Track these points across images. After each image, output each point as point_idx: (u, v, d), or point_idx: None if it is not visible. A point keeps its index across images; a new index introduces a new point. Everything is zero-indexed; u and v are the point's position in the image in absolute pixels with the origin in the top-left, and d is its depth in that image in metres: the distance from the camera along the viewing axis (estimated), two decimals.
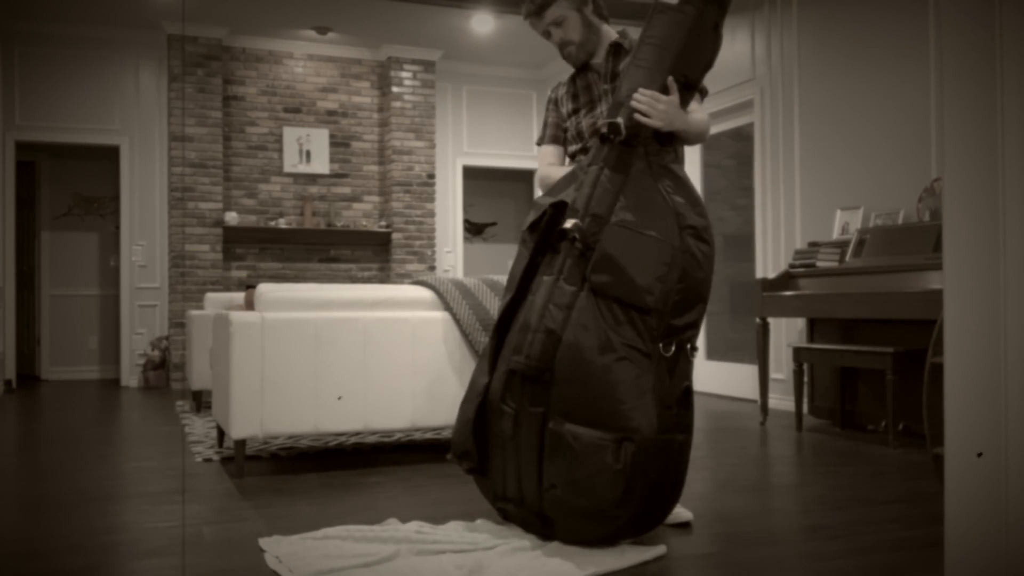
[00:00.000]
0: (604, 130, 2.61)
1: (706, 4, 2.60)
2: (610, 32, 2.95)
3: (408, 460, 4.12)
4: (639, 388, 2.41)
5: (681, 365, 2.52)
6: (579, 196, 2.62)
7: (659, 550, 2.51)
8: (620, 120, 2.59)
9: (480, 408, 2.68)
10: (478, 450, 2.71)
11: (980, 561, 1.77)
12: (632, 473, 2.37)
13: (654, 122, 2.55)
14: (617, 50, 2.86)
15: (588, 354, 2.45)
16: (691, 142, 2.72)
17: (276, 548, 2.55)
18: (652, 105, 2.55)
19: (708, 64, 2.68)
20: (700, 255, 2.51)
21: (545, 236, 2.67)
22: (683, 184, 2.60)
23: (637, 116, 2.56)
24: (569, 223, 2.57)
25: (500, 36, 8.25)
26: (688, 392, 2.55)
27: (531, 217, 2.70)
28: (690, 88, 2.66)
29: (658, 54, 2.61)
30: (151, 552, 2.58)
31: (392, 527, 2.73)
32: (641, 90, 2.57)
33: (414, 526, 2.75)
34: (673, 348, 2.48)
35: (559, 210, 2.65)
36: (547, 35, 2.90)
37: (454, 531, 2.70)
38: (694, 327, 2.54)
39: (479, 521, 2.81)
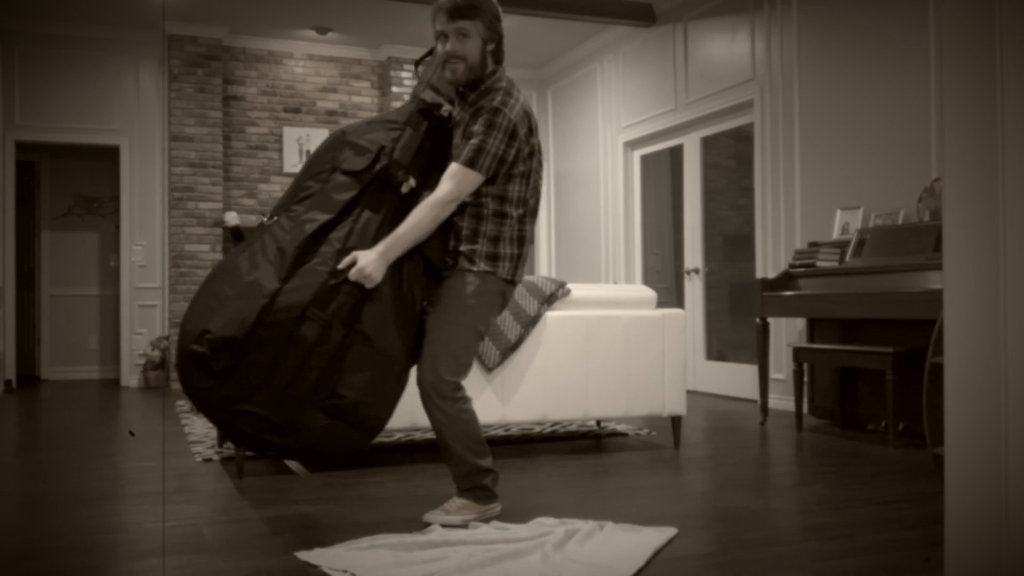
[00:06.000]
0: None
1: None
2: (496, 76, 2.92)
3: (408, 460, 4.12)
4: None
5: None
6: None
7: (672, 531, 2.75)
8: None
9: (262, 311, 2.60)
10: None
11: (980, 560, 1.78)
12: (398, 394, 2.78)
13: (373, 279, 2.67)
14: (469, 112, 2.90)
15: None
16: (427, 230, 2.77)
17: (328, 560, 2.41)
18: (360, 276, 2.65)
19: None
20: None
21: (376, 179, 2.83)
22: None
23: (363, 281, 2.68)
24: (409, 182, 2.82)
25: None
26: None
27: (363, 163, 2.79)
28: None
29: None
30: (151, 552, 2.58)
31: (439, 533, 2.66)
32: (348, 269, 2.67)
33: (462, 532, 2.67)
34: None
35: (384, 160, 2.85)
36: (443, 37, 2.83)
37: (495, 531, 2.68)
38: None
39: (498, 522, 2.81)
